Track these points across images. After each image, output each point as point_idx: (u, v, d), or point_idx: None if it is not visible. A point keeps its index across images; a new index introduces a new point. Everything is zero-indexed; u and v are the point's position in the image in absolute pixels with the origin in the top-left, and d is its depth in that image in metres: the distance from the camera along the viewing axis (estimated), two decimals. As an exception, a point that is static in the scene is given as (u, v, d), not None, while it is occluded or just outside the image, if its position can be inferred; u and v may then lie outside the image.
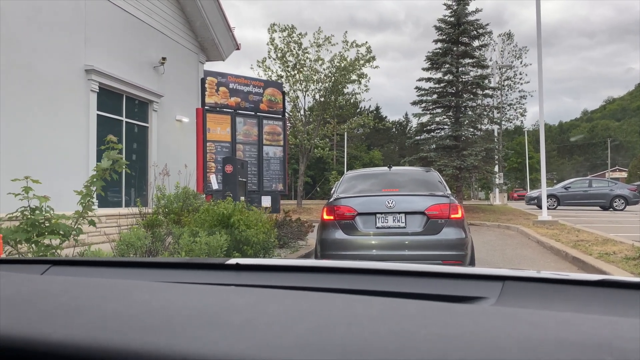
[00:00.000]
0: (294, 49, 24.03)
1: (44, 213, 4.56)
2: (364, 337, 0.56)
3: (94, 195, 4.96)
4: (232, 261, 1.14)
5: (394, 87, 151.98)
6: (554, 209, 21.48)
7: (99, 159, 8.33)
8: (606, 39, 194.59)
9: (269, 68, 24.58)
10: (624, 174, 62.59)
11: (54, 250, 4.60)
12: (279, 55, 24.14)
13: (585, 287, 0.87)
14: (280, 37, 24.12)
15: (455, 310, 0.67)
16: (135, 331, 0.60)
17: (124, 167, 5.10)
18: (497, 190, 30.03)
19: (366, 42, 24.81)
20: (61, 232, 4.53)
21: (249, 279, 1.10)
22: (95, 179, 4.79)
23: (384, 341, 0.55)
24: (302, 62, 24.09)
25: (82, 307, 0.71)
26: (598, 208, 22.19)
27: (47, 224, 4.57)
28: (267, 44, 24.38)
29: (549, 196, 20.28)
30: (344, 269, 1.10)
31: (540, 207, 17.10)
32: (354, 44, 24.31)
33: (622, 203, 21.73)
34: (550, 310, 0.75)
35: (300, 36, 24.08)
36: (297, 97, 25.28)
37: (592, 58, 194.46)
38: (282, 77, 24.18)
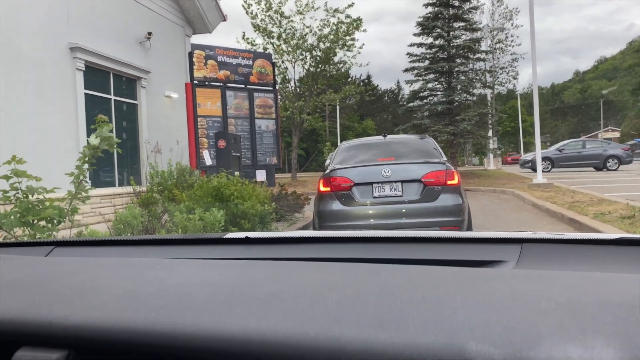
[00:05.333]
0: (277, 19, 23.21)
1: (37, 195, 4.49)
2: (398, 306, 0.54)
3: (87, 175, 4.89)
4: (241, 235, 1.11)
5: (390, 53, 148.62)
6: (549, 171, 21.58)
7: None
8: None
9: (255, 42, 23.78)
10: (617, 134, 62.86)
11: (50, 232, 4.56)
12: (261, 29, 23.26)
13: (603, 247, 0.84)
14: (258, 9, 23.18)
15: (480, 274, 0.66)
16: (157, 310, 0.57)
17: (115, 146, 5.00)
18: (491, 155, 30.09)
19: (352, 3, 23.21)
20: (56, 214, 4.48)
21: (261, 253, 1.06)
22: (86, 158, 4.71)
23: (419, 308, 0.53)
24: (288, 31, 23.33)
25: (96, 287, 0.69)
26: (592, 169, 22.33)
27: (40, 206, 4.51)
28: (250, 19, 23.38)
29: (543, 159, 20.33)
30: (357, 239, 1.07)
31: (534, 170, 17.16)
32: (337, 11, 23.28)
33: (616, 163, 21.85)
34: (573, 270, 0.73)
35: (280, 4, 23.09)
36: (287, 68, 24.79)
37: (594, 16, 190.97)
38: (267, 50, 23.37)
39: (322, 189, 5.62)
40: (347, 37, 23.05)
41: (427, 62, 22.05)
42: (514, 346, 0.43)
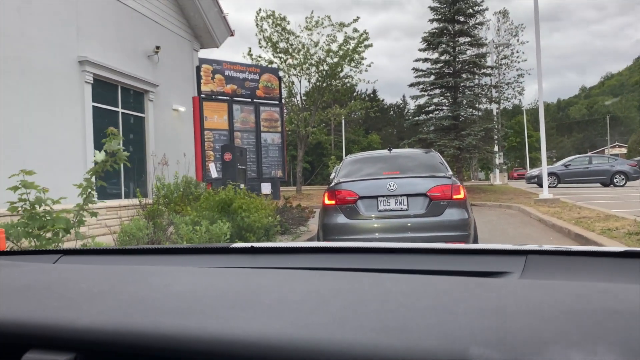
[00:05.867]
0: (283, 34, 23.44)
1: (44, 206, 4.52)
2: (401, 312, 0.55)
3: (94, 187, 4.92)
4: (247, 245, 1.12)
5: (396, 68, 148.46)
6: (555, 187, 21.45)
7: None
8: (615, 11, 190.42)
9: (261, 57, 23.94)
10: (624, 150, 62.56)
11: (56, 244, 4.57)
12: (269, 43, 23.48)
13: (609, 259, 0.84)
14: (268, 24, 23.43)
15: (485, 284, 0.66)
16: (163, 314, 0.59)
17: (124, 159, 5.02)
18: (497, 170, 29.98)
19: (357, 17, 23.65)
20: (62, 226, 4.50)
21: (266, 262, 1.07)
22: (94, 171, 4.75)
23: (422, 314, 0.53)
24: (294, 46, 23.51)
25: (103, 292, 0.70)
26: (599, 185, 22.19)
27: (47, 217, 4.53)
28: (256, 35, 23.64)
29: (549, 174, 20.23)
30: (362, 249, 1.07)
31: (540, 185, 17.09)
32: (342, 25, 23.33)
33: (623, 179, 21.69)
34: (578, 281, 0.73)
35: (283, 21, 23.29)
36: (292, 82, 24.91)
37: (600, 32, 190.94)
38: (272, 63, 23.54)
39: (327, 202, 5.61)
40: (356, 56, 23.23)
41: (432, 77, 22.14)
42: (516, 351, 0.44)
